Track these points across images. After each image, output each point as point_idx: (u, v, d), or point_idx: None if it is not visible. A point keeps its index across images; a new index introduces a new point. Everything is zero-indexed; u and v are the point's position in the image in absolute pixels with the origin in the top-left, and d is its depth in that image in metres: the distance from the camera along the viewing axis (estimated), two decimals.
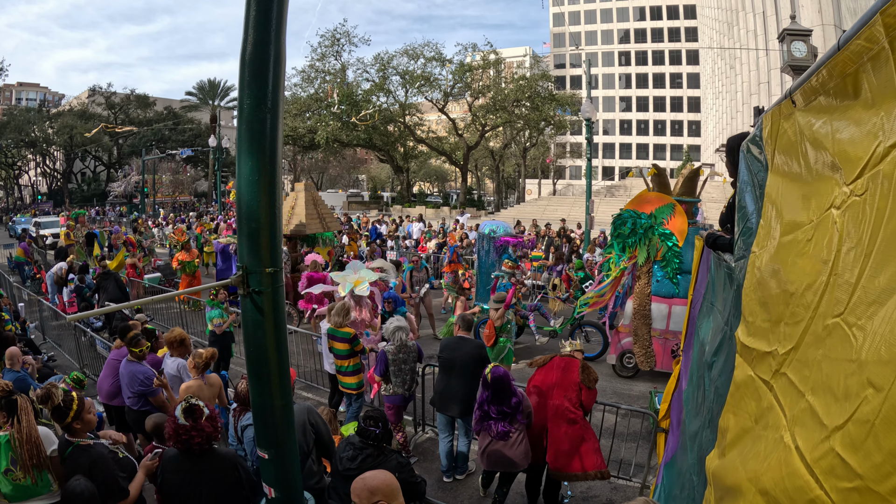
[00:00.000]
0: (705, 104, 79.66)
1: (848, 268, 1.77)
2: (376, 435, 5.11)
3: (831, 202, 1.98)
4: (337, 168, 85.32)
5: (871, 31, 1.62)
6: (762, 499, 2.12)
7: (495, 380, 6.38)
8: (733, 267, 3.43)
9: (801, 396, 1.99)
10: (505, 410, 6.40)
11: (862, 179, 1.73)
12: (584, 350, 7.46)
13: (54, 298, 16.56)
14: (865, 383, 1.55)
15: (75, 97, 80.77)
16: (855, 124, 1.81)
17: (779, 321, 2.34)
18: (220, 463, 4.74)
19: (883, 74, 1.62)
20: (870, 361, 1.55)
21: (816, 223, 2.11)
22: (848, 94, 1.87)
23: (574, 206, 46.89)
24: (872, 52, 1.65)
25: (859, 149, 1.75)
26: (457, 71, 53.52)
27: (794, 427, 2.00)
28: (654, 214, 10.57)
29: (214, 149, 43.27)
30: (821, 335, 1.91)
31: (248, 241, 3.77)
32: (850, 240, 1.79)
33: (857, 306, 1.68)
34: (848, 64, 1.81)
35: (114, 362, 7.69)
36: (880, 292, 1.56)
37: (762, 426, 2.38)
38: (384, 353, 7.99)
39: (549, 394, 6.84)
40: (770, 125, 2.76)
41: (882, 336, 1.51)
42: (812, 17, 31.99)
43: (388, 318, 10.16)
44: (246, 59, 3.55)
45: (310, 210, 16.60)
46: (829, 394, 1.77)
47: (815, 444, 1.78)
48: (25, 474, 4.58)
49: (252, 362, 4.04)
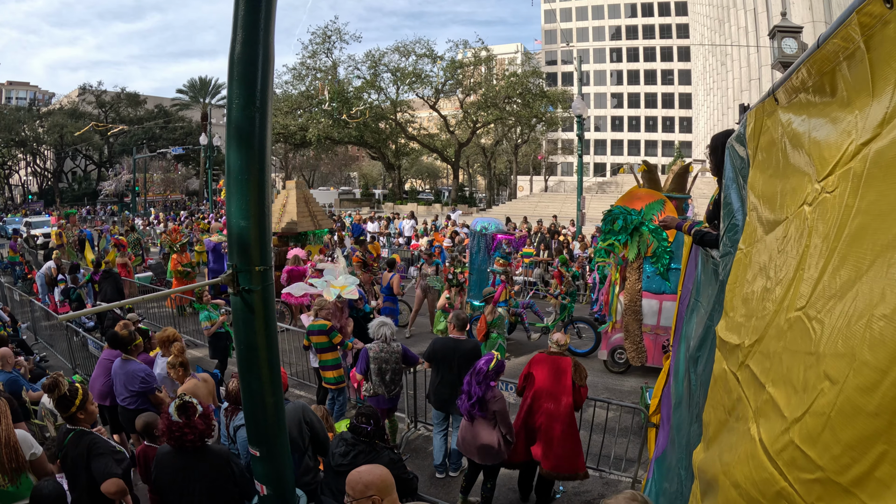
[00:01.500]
0: (696, 101, 79.79)
1: (813, 263, 1.81)
2: (368, 432, 5.14)
3: (804, 199, 2.01)
4: (328, 165, 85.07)
5: (847, 30, 1.64)
6: (735, 491, 2.15)
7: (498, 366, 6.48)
8: (719, 262, 3.46)
9: (762, 388, 2.03)
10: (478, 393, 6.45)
11: (833, 176, 1.76)
12: (569, 343, 7.47)
13: (45, 298, 16.51)
14: (822, 376, 1.58)
15: (65, 96, 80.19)
16: (831, 122, 1.84)
17: (752, 315, 2.38)
18: (213, 460, 4.76)
19: (858, 73, 1.64)
20: (827, 354, 1.58)
21: (791, 219, 2.14)
22: (826, 93, 1.90)
23: (566, 202, 46.96)
24: (848, 51, 1.67)
25: (833, 146, 1.78)
26: (448, 68, 53.40)
27: (759, 419, 2.04)
28: (644, 211, 10.63)
29: (205, 147, 43.21)
30: (783, 328, 1.94)
31: (238, 240, 3.79)
32: (818, 235, 1.82)
33: (818, 300, 1.71)
34: (826, 62, 1.84)
35: (106, 362, 7.67)
36: (840, 287, 1.60)
37: (734, 418, 2.42)
38: (366, 351, 7.95)
39: (543, 395, 6.85)
40: (753, 122, 2.79)
41: (839, 330, 1.54)
42: (803, 13, 32.05)
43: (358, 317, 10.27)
44: (234, 59, 3.57)
45: (301, 208, 16.59)
46: (788, 386, 1.80)
47: (776, 437, 1.82)
48: (4, 478, 4.59)
49: (243, 360, 4.06)
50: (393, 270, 13.41)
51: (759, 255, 2.48)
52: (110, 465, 4.71)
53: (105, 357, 7.81)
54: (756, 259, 2.51)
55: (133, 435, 7.21)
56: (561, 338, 7.16)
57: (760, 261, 2.43)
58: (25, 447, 4.83)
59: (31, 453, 4.86)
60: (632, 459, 7.89)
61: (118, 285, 15.01)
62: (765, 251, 2.40)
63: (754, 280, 2.48)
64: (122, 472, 4.79)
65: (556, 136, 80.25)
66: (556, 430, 6.73)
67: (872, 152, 1.54)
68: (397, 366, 8.00)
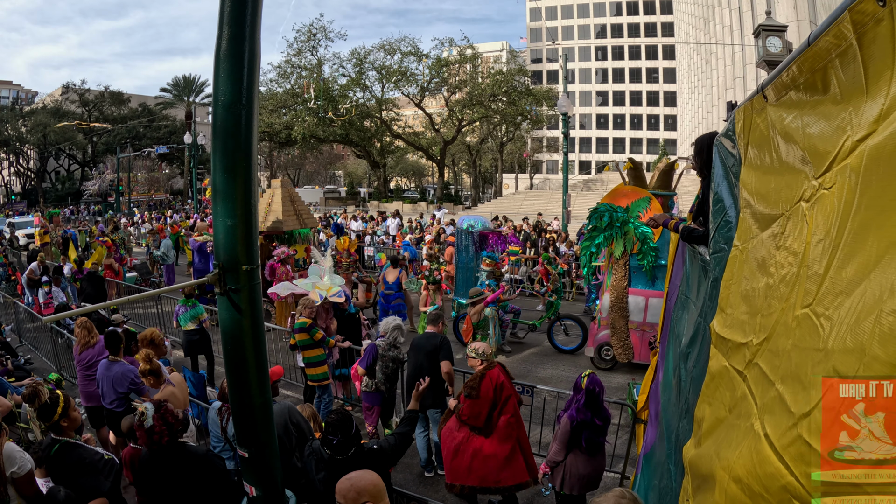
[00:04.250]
0: (681, 98, 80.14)
1: (817, 259, 1.81)
2: (340, 445, 4.67)
3: (801, 195, 2.02)
4: (314, 164, 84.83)
5: (840, 27, 1.65)
6: (736, 486, 2.15)
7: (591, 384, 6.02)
8: (708, 260, 3.47)
9: (771, 385, 2.03)
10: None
11: (830, 173, 1.77)
12: (492, 352, 6.82)
13: (29, 300, 16.35)
14: (832, 371, 1.58)
15: (49, 94, 79.32)
16: (824, 119, 1.84)
17: (756, 313, 2.38)
18: (190, 459, 4.73)
19: (851, 70, 1.65)
20: (835, 350, 1.58)
21: (788, 216, 2.14)
22: (818, 90, 1.91)
23: (551, 200, 47.04)
24: (841, 49, 1.68)
25: (828, 143, 1.79)
26: (433, 66, 53.37)
27: (764, 415, 2.04)
28: (629, 208, 10.67)
29: (190, 146, 42.98)
30: (791, 325, 1.94)
31: (224, 239, 3.76)
32: (819, 232, 1.82)
33: (825, 297, 1.72)
34: (817, 60, 1.85)
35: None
36: (847, 283, 1.60)
37: (735, 415, 2.42)
38: (374, 346, 7.99)
39: (496, 410, 6.44)
40: (743, 120, 2.80)
41: (848, 326, 1.55)
42: (787, 12, 32.24)
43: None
44: (220, 56, 3.54)
45: (286, 207, 16.50)
46: (797, 382, 1.80)
47: (784, 432, 1.82)
48: None
49: (230, 360, 4.03)
50: (398, 267, 13.41)
51: (756, 251, 2.48)
52: (99, 483, 4.66)
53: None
54: (753, 255, 2.51)
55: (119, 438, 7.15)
56: (480, 346, 6.67)
57: (758, 257, 2.44)
58: (9, 463, 4.59)
59: (11, 472, 4.58)
60: (620, 456, 7.91)
61: (101, 286, 14.89)
62: (762, 248, 2.40)
63: (753, 277, 2.48)
64: (110, 486, 4.74)
65: (541, 134, 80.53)
66: (510, 442, 6.41)
67: (869, 148, 1.55)
68: (398, 366, 8.13)
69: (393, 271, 13.26)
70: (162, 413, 4.58)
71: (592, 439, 5.94)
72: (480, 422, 6.33)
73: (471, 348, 6.66)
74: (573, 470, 5.91)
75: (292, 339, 8.93)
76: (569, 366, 12.25)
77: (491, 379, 6.39)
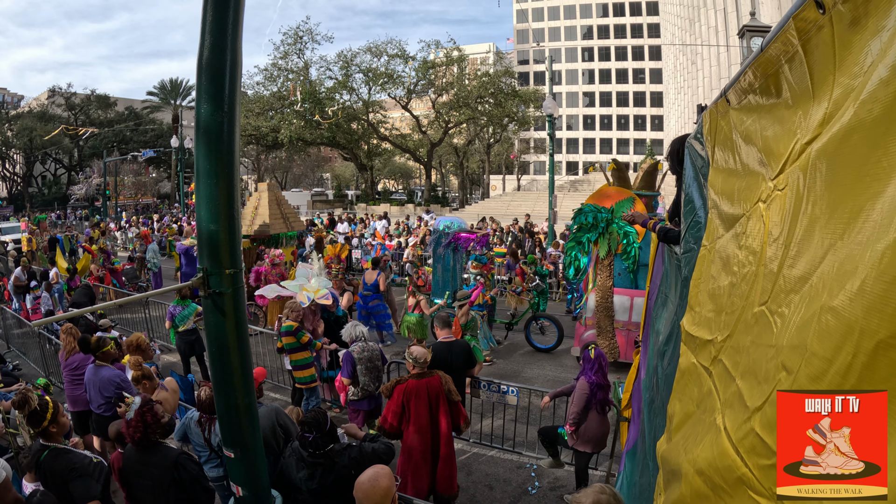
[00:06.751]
0: (668, 99, 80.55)
1: (772, 258, 1.88)
2: (315, 442, 4.69)
3: (759, 196, 2.09)
4: (301, 167, 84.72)
5: (787, 34, 1.73)
6: (699, 478, 2.22)
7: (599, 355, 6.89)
8: (681, 258, 3.55)
9: (732, 381, 2.10)
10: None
11: (783, 175, 1.85)
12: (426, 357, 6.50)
13: (17, 306, 16.28)
14: (780, 366, 1.65)
15: (34, 98, 78.65)
16: (778, 123, 1.92)
17: (721, 311, 2.45)
18: (161, 458, 4.79)
19: (798, 76, 1.73)
20: (785, 346, 1.65)
21: (749, 216, 2.22)
22: (772, 94, 1.99)
23: (538, 201, 47.21)
24: (789, 55, 1.76)
25: (781, 146, 1.86)
26: (420, 68, 53.38)
27: (725, 409, 2.11)
28: (613, 209, 10.77)
29: (177, 149, 42.84)
30: (750, 322, 2.01)
31: (208, 243, 3.81)
32: (774, 232, 1.90)
33: (778, 294, 1.78)
34: (769, 65, 1.93)
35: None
36: (796, 282, 1.67)
37: (702, 410, 2.49)
38: (349, 355, 7.80)
39: (432, 420, 6.38)
40: (709, 122, 2.88)
41: (794, 323, 1.62)
42: (772, 13, 32.45)
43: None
44: (203, 65, 3.60)
45: (273, 210, 16.49)
46: (753, 377, 1.87)
47: (739, 425, 1.89)
48: None
49: (215, 362, 4.08)
50: (377, 268, 13.41)
51: (721, 250, 2.55)
52: (90, 487, 4.69)
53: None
54: (719, 255, 2.58)
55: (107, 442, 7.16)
56: (416, 350, 6.49)
57: (723, 256, 2.51)
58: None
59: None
60: (605, 453, 7.96)
61: (90, 292, 14.85)
62: (727, 247, 2.47)
63: (719, 275, 2.55)
64: (101, 489, 4.77)
65: (528, 136, 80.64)
66: (450, 448, 6.48)
67: (814, 151, 1.62)
68: (380, 363, 8.03)
69: (372, 272, 13.27)
70: (143, 410, 4.64)
71: (605, 398, 6.83)
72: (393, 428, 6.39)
73: (408, 352, 6.50)
74: (588, 430, 6.83)
75: (279, 343, 8.95)
76: (555, 366, 12.37)
77: (408, 388, 6.32)
